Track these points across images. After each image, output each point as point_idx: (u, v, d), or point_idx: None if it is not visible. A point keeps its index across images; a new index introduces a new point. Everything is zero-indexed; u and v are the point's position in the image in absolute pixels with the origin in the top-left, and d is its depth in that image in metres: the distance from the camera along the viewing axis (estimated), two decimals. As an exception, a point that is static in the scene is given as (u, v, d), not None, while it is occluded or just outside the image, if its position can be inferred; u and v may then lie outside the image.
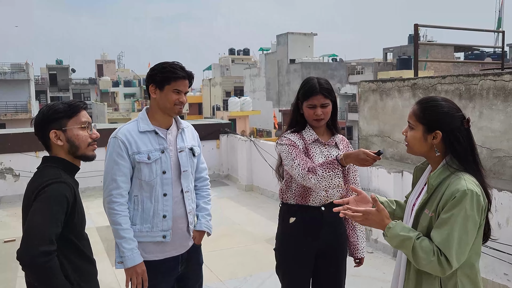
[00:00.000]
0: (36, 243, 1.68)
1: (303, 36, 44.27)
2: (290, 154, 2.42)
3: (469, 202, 1.68)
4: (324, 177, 2.29)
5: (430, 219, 1.78)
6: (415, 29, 6.17)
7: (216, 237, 5.71)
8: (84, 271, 1.95)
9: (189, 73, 2.41)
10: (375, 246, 5.14)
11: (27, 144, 7.66)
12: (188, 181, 2.51)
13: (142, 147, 2.36)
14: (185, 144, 2.51)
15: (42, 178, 1.85)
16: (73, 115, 1.94)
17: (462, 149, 1.79)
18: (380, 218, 1.82)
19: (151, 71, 2.40)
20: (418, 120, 1.85)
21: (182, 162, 2.47)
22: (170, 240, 2.42)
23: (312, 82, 2.49)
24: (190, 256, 2.56)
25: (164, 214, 2.40)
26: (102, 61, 66.11)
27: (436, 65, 33.47)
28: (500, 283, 3.89)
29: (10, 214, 6.95)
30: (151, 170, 2.36)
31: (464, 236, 1.68)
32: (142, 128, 2.39)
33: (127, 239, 2.31)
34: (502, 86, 4.32)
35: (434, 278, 1.78)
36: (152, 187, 2.37)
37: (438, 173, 1.82)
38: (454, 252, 1.66)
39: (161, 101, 2.37)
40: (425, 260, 1.69)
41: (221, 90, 51.05)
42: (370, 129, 6.16)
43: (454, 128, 1.79)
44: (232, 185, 8.90)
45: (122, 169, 2.34)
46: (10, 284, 4.35)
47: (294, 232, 2.53)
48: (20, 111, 32.57)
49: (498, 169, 4.36)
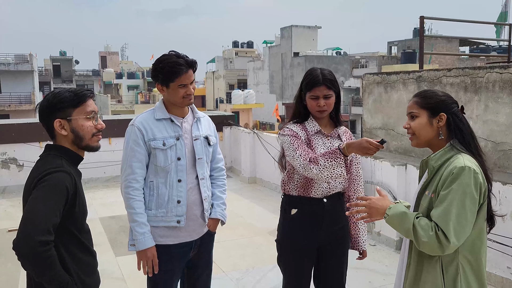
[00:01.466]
0: (34, 233, 1.63)
1: (307, 29, 44.04)
2: (292, 144, 2.41)
3: (466, 178, 1.70)
4: (326, 167, 2.27)
5: (430, 200, 1.81)
6: (420, 21, 6.12)
7: (219, 229, 5.69)
8: (85, 263, 1.93)
9: (190, 62, 2.40)
10: (378, 239, 5.14)
11: (31, 134, 7.66)
12: (204, 169, 2.56)
13: (157, 134, 2.42)
14: (200, 133, 2.56)
15: (44, 166, 1.81)
16: (79, 104, 1.89)
17: (466, 131, 1.87)
18: (381, 204, 1.88)
19: (153, 72, 2.43)
20: (421, 107, 1.91)
21: (197, 149, 2.51)
22: (184, 225, 2.47)
23: (315, 73, 2.47)
24: (202, 243, 2.61)
25: (178, 199, 2.45)
26: (105, 53, 66.09)
27: (441, 60, 33.26)
28: (503, 277, 3.88)
29: (14, 204, 6.97)
30: (166, 156, 2.42)
31: (462, 212, 1.69)
32: (158, 116, 2.47)
33: (140, 223, 2.38)
34: (508, 79, 4.28)
35: (435, 262, 1.79)
36: (167, 173, 2.43)
37: (439, 155, 1.86)
38: (451, 227, 1.67)
39: (170, 97, 2.44)
40: (424, 237, 1.70)
41: (224, 83, 50.96)
42: (374, 122, 6.13)
43: (455, 111, 1.89)
44: (235, 178, 8.90)
45: (137, 155, 2.41)
46: (15, 274, 4.37)
47: (296, 224, 2.53)
48: (24, 102, 32.63)
49: (503, 162, 4.34)
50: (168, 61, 2.36)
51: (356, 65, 38.72)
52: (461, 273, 1.76)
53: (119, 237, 5.33)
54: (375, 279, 4.20)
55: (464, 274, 1.76)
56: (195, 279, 2.67)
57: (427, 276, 1.81)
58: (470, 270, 1.78)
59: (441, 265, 1.78)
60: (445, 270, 1.77)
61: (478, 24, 8.08)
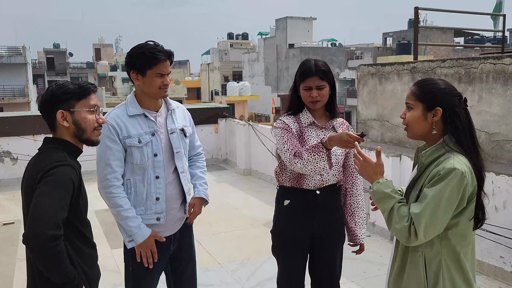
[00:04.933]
0: (44, 228, 1.65)
1: (302, 20, 43.90)
2: (282, 137, 2.42)
3: (453, 180, 1.68)
4: (310, 161, 2.27)
5: (416, 196, 1.80)
6: (415, 12, 6.11)
7: (214, 221, 5.74)
8: (87, 255, 1.95)
9: (168, 53, 2.34)
10: (373, 230, 5.17)
11: (25, 127, 7.60)
12: (182, 161, 2.50)
13: (132, 131, 2.34)
14: (176, 125, 2.49)
15: (47, 160, 1.81)
16: (82, 97, 1.90)
17: (462, 127, 1.78)
18: (375, 170, 1.87)
19: (129, 58, 2.32)
20: (418, 99, 1.85)
21: (174, 143, 2.45)
22: (164, 222, 2.43)
23: (309, 63, 2.46)
24: (182, 236, 2.57)
25: (157, 196, 2.40)
26: (99, 45, 65.62)
27: (435, 51, 33.28)
28: (496, 266, 3.92)
29: (8, 198, 6.95)
30: (143, 153, 2.35)
31: (437, 212, 1.69)
32: (131, 112, 2.37)
33: (131, 218, 2.33)
34: (502, 69, 4.29)
35: (418, 256, 1.80)
36: (144, 170, 2.37)
37: (430, 151, 1.82)
38: (422, 225, 1.68)
39: (145, 86, 2.33)
40: (398, 224, 1.72)
41: (219, 75, 50.79)
42: (369, 113, 6.14)
43: (453, 105, 1.80)
44: (231, 170, 8.91)
45: (115, 153, 2.33)
46: (9, 267, 4.36)
47: (289, 215, 2.54)
48: (17, 95, 32.44)
49: (497, 153, 4.36)
50: (147, 47, 2.29)
51: (351, 57, 38.67)
52: (444, 268, 1.77)
53: (114, 230, 5.33)
54: (370, 269, 4.23)
55: (447, 269, 1.77)
56: (179, 273, 2.62)
57: (411, 268, 1.82)
58: (455, 266, 1.78)
59: (424, 260, 1.79)
60: (427, 265, 1.79)
61: (473, 14, 8.07)
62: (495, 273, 3.93)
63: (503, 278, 3.87)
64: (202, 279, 3.52)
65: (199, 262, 2.87)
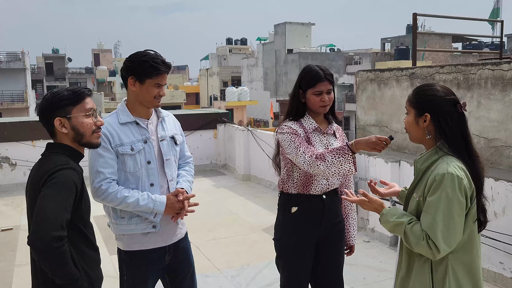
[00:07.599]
0: (48, 229, 1.68)
1: (301, 25, 43.99)
2: (293, 142, 2.39)
3: (449, 185, 1.69)
4: (334, 163, 2.26)
5: (417, 203, 1.82)
6: (414, 18, 6.14)
7: (213, 226, 5.73)
8: (90, 258, 1.97)
9: (168, 65, 2.36)
10: (372, 236, 5.16)
11: (24, 133, 7.57)
12: (172, 169, 2.49)
13: (124, 139, 2.33)
14: (166, 133, 2.48)
15: (50, 164, 1.85)
16: (78, 102, 1.93)
17: (450, 132, 1.79)
18: (373, 207, 1.95)
19: (131, 63, 2.32)
20: (411, 105, 1.90)
21: (164, 150, 2.44)
22: (160, 230, 2.40)
23: (315, 69, 2.47)
24: (178, 247, 2.53)
25: None
26: (98, 50, 65.68)
27: (434, 56, 33.39)
28: (495, 272, 3.92)
29: (7, 203, 6.93)
30: (135, 161, 2.33)
31: (450, 219, 1.69)
32: (122, 120, 2.36)
33: (139, 199, 2.28)
34: (500, 75, 4.31)
35: (424, 261, 1.81)
36: (138, 178, 2.35)
37: (425, 157, 1.86)
38: (440, 236, 1.68)
39: (141, 94, 2.33)
40: (417, 244, 1.73)
41: (218, 80, 50.83)
42: (368, 119, 6.15)
43: (443, 110, 1.81)
44: (230, 175, 8.90)
45: (108, 161, 2.29)
46: (8, 273, 4.35)
47: (296, 222, 2.52)
48: (16, 101, 32.37)
49: (495, 158, 4.37)
50: (151, 56, 2.30)
51: (349, 62, 38.74)
52: (450, 273, 1.76)
53: (113, 235, 5.31)
54: (370, 275, 4.22)
55: (453, 274, 1.76)
56: (179, 282, 2.59)
57: (417, 275, 1.83)
58: (462, 270, 1.78)
59: (430, 265, 1.79)
60: (434, 270, 1.79)
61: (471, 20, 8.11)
62: (494, 279, 3.92)
63: (502, 284, 3.86)
64: (201, 286, 3.51)
65: (198, 268, 2.86)
